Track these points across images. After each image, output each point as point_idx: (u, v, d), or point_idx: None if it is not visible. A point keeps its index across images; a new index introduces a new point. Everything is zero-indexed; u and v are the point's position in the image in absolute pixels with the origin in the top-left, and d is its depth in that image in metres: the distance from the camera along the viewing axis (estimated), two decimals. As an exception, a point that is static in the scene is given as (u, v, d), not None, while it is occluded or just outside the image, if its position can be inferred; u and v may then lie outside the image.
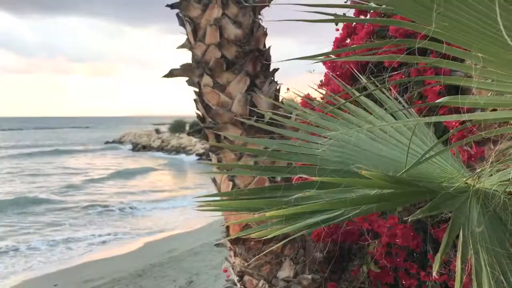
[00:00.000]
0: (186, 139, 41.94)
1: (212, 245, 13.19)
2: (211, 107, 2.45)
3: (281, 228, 1.03)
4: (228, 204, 1.21)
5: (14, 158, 36.17)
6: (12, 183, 23.42)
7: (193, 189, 22.36)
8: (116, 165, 31.86)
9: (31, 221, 16.30)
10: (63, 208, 17.53)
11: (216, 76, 2.41)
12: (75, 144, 56.25)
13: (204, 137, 2.50)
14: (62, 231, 15.13)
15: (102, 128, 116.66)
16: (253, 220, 1.07)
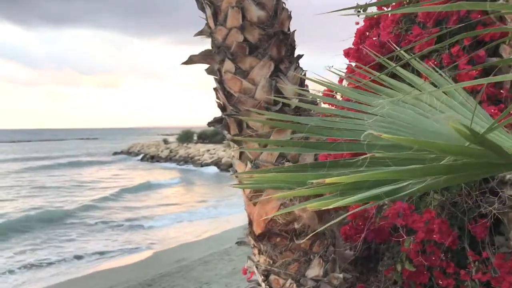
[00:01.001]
0: (193, 149, 41.90)
1: (221, 253, 13.01)
2: (233, 94, 2.30)
3: (338, 200, 0.87)
4: (274, 177, 1.05)
5: (27, 171, 35.89)
6: (27, 198, 23.16)
7: (209, 201, 21.98)
8: (135, 177, 31.41)
9: (42, 232, 16.22)
10: (79, 223, 17.32)
11: (238, 61, 2.27)
12: (85, 155, 56.41)
13: (225, 127, 2.35)
14: (72, 242, 15.02)
15: (111, 139, 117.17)
16: (301, 193, 0.91)
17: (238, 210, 20.29)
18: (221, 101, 2.37)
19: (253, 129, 2.26)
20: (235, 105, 2.28)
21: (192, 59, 2.35)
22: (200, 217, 18.68)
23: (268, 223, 2.26)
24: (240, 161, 2.34)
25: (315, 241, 2.25)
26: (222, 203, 21.53)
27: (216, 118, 2.40)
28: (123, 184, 27.81)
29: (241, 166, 2.34)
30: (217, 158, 37.35)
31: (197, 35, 2.48)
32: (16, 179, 30.59)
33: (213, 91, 2.46)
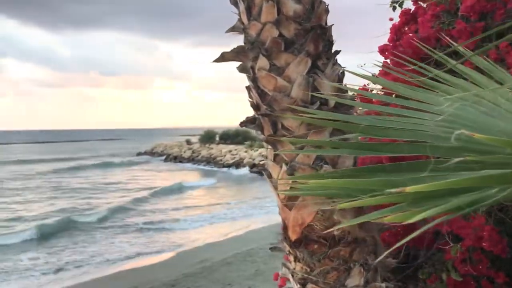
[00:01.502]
0: (215, 150, 41.99)
1: (244, 255, 12.93)
2: (267, 92, 2.18)
3: (418, 213, 0.74)
4: (332, 183, 0.93)
5: (55, 173, 36.15)
6: (55, 200, 23.14)
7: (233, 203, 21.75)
8: (159, 179, 31.22)
9: (69, 233, 16.34)
10: (109, 226, 17.31)
11: (273, 57, 2.15)
12: (109, 155, 57.19)
13: (259, 127, 2.23)
14: (96, 242, 15.14)
15: (134, 139, 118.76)
16: (368, 203, 0.79)
17: (262, 212, 20.15)
18: (254, 100, 2.26)
19: (289, 129, 2.14)
20: (269, 104, 2.16)
21: (224, 56, 2.24)
22: (227, 218, 18.60)
23: (304, 229, 2.14)
24: (274, 163, 2.22)
25: (356, 248, 2.11)
26: (251, 205, 21.32)
27: (248, 117, 2.29)
28: (153, 185, 27.67)
29: (276, 169, 2.22)
30: (238, 159, 37.33)
31: (229, 32, 2.38)
32: (44, 180, 30.85)
33: (246, 89, 2.35)
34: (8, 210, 20.19)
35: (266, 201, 21.55)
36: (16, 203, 21.78)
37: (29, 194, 24.40)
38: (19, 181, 30.53)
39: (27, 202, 21.97)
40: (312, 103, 2.10)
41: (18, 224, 17.10)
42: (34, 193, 24.74)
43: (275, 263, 11.61)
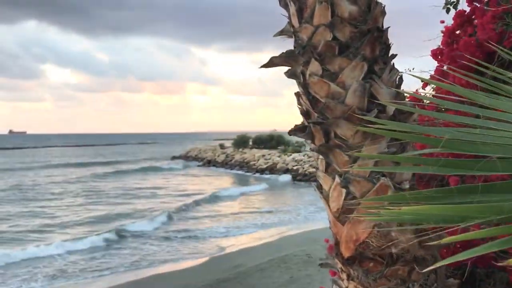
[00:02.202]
0: (249, 154, 41.95)
1: (278, 261, 12.76)
2: (319, 99, 2.05)
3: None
4: (428, 209, 0.79)
5: (96, 178, 35.98)
6: (95, 205, 22.78)
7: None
8: (205, 185, 30.42)
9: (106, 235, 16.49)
10: (159, 232, 17.14)
11: (326, 62, 2.02)
12: (145, 159, 58.18)
13: (309, 136, 2.11)
14: (132, 246, 15.26)
15: (169, 143, 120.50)
16: (482, 235, 0.65)
17: (293, 218, 19.91)
18: (304, 107, 2.14)
19: (343, 139, 2.00)
20: (321, 111, 2.03)
21: (273, 61, 2.13)
22: (265, 226, 18.33)
23: (359, 246, 1.99)
24: (326, 174, 2.08)
25: (415, 267, 1.95)
26: (294, 213, 20.84)
27: (298, 125, 2.17)
28: (199, 191, 27.06)
29: (327, 180, 2.08)
30: (272, 164, 37.15)
31: (277, 35, 2.27)
32: (84, 184, 30.90)
33: (295, 96, 2.23)
34: (61, 215, 20.24)
35: (307, 209, 21.26)
36: (60, 208, 21.92)
37: (69, 198, 24.52)
38: (60, 184, 30.87)
39: (70, 207, 22.09)
40: (368, 110, 1.96)
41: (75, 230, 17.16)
42: (69, 199, 24.89)
43: (308, 270, 11.39)
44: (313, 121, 2.05)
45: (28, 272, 12.13)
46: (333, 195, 2.06)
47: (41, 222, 18.29)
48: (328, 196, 2.09)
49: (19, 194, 26.27)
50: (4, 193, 26.58)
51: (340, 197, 2.02)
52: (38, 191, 27.86)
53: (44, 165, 48.50)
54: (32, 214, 20.49)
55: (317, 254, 12.26)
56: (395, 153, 1.98)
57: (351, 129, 1.98)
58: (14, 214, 20.61)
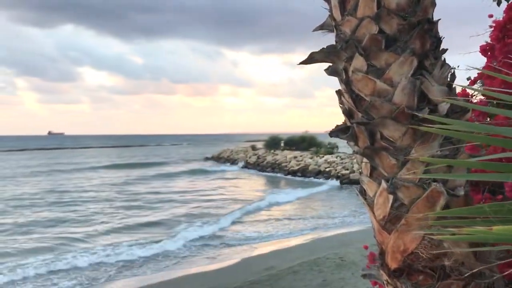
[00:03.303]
0: (280, 156, 41.77)
1: (311, 264, 12.56)
2: (364, 98, 1.89)
3: None
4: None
5: (149, 179, 34.97)
6: (135, 210, 22.17)
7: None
8: (251, 190, 29.23)
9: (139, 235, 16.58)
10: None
11: (372, 57, 1.86)
12: (179, 160, 58.91)
13: (352, 137, 1.95)
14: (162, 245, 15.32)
15: (201, 145, 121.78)
16: None
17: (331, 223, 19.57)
18: (347, 106, 1.98)
19: (390, 140, 1.84)
20: (366, 110, 1.87)
21: (313, 57, 1.99)
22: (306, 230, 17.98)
23: (407, 257, 1.82)
24: (371, 179, 1.92)
25: (470, 282, 1.77)
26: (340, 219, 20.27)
27: (339, 126, 2.02)
28: (237, 196, 26.05)
29: (372, 186, 1.92)
30: (303, 165, 36.86)
31: (317, 30, 2.13)
32: (121, 188, 30.35)
33: (336, 94, 2.08)
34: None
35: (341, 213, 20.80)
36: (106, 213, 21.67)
37: (103, 204, 24.16)
38: (111, 187, 30.38)
39: (107, 213, 21.95)
40: (419, 109, 1.79)
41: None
42: (105, 203, 24.70)
43: (342, 273, 11.14)
44: (356, 121, 1.90)
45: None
46: (378, 201, 1.90)
47: (112, 226, 18.35)
48: (372, 202, 1.93)
49: (74, 195, 26.29)
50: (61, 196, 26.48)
51: (386, 204, 1.86)
52: (100, 193, 27.71)
53: (93, 166, 48.68)
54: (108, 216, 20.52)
55: (350, 257, 12.01)
56: (447, 156, 1.81)
57: (400, 130, 1.81)
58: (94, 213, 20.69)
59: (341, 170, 32.26)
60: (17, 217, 19.46)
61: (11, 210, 21.19)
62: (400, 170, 1.82)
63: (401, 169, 1.82)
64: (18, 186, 30.49)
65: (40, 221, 18.80)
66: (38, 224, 18.18)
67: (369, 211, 1.97)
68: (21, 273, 11.50)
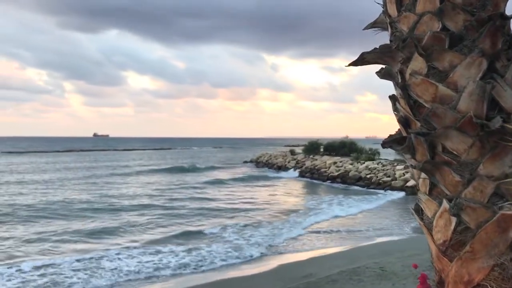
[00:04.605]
0: (319, 161, 41.19)
1: (350, 273, 12.18)
2: (423, 104, 1.66)
3: None
4: None
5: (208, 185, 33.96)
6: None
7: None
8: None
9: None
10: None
11: (433, 58, 1.62)
12: (219, 162, 59.25)
13: (408, 149, 1.71)
14: (200, 249, 15.30)
15: (241, 148, 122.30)
16: None
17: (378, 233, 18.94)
18: (403, 113, 1.75)
19: (453, 154, 1.60)
20: (425, 119, 1.63)
21: (364, 58, 1.77)
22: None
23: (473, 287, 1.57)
24: (430, 197, 1.68)
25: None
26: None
27: (393, 136, 1.78)
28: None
29: (431, 205, 1.68)
30: (343, 171, 36.15)
31: (368, 28, 1.90)
32: (176, 192, 29.43)
33: (389, 99, 1.85)
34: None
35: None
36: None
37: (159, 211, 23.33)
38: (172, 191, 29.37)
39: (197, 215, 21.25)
40: (489, 118, 1.54)
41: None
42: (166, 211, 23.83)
43: (382, 284, 10.69)
44: (414, 131, 1.66)
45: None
46: (438, 223, 1.65)
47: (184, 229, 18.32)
48: (431, 224, 1.68)
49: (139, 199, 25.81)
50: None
51: (448, 226, 1.61)
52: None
53: (143, 170, 47.81)
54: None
55: (391, 267, 11.54)
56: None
57: (465, 142, 1.56)
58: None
59: (382, 177, 31.39)
60: (91, 222, 19.62)
61: (76, 214, 21.29)
62: (465, 188, 1.57)
63: (466, 188, 1.57)
64: (76, 191, 30.68)
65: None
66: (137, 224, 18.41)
67: (426, 234, 1.72)
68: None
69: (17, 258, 12.77)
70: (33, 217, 19.00)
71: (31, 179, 35.49)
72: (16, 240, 14.88)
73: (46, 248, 14.16)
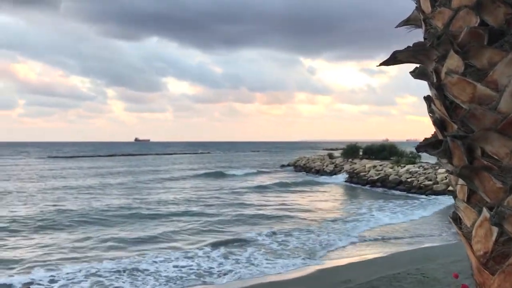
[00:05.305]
0: (359, 165, 40.54)
1: (390, 279, 11.85)
2: (460, 105, 1.55)
3: None
4: None
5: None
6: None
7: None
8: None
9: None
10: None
11: (471, 55, 1.51)
12: (259, 166, 59.44)
13: (444, 153, 1.60)
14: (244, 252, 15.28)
15: (279, 152, 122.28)
16: None
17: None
18: (439, 115, 1.64)
19: (494, 158, 1.48)
20: (463, 121, 1.52)
21: (396, 57, 1.67)
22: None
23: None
24: (468, 205, 1.56)
25: None
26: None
27: (429, 139, 1.68)
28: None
29: (470, 213, 1.56)
30: (383, 175, 35.41)
31: (401, 25, 1.81)
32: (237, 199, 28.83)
33: (424, 101, 1.74)
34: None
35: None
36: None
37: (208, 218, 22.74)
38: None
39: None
40: (533, 120, 1.41)
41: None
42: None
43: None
44: (451, 134, 1.55)
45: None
46: (478, 233, 1.53)
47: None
48: (470, 234, 1.57)
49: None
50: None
51: (489, 237, 1.49)
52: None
53: (188, 174, 47.75)
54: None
55: (433, 274, 11.16)
56: None
57: (507, 146, 1.44)
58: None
59: (423, 180, 30.53)
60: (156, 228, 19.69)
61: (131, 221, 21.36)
62: (508, 196, 1.45)
63: (509, 195, 1.45)
64: (117, 196, 30.89)
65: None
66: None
67: (465, 244, 1.61)
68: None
69: (59, 262, 13.17)
70: (75, 223, 19.55)
71: (75, 184, 36.61)
72: (57, 245, 15.33)
73: (87, 254, 14.56)
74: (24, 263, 12.89)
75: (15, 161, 77.41)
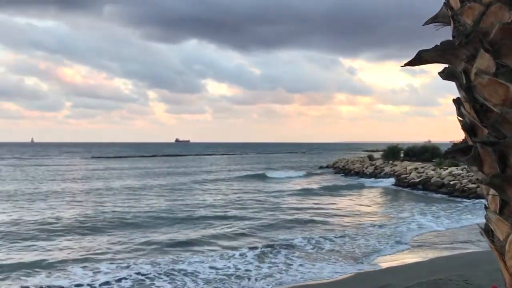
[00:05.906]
0: (399, 167, 39.55)
1: (430, 285, 11.46)
2: (491, 108, 1.42)
3: None
4: None
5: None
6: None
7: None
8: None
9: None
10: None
11: (502, 54, 1.39)
12: (298, 168, 59.30)
13: (474, 160, 1.48)
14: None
15: (317, 153, 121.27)
16: None
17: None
18: (468, 119, 1.52)
19: (529, 167, 1.35)
20: (494, 126, 1.40)
21: (421, 57, 1.57)
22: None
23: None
24: (501, 217, 1.43)
25: None
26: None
27: (458, 145, 1.56)
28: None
29: (503, 226, 1.43)
30: (425, 178, 34.39)
31: (428, 23, 1.69)
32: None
33: (453, 103, 1.62)
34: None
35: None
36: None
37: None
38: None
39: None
40: None
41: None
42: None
43: (467, 299, 9.91)
44: (481, 139, 1.43)
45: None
46: (511, 248, 1.40)
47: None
48: (503, 248, 1.44)
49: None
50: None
51: (523, 252, 1.36)
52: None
53: (224, 177, 47.06)
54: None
55: (477, 280, 10.72)
56: None
57: (544, 153, 1.31)
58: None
59: (466, 183, 29.43)
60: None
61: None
62: (546, 208, 1.32)
63: (547, 207, 1.32)
64: (157, 198, 31.07)
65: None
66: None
67: (498, 258, 1.48)
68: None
69: (98, 263, 13.49)
70: (115, 224, 19.98)
71: (117, 185, 37.44)
72: (96, 248, 15.69)
73: (125, 256, 14.86)
74: (66, 264, 13.26)
75: (61, 161, 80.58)
